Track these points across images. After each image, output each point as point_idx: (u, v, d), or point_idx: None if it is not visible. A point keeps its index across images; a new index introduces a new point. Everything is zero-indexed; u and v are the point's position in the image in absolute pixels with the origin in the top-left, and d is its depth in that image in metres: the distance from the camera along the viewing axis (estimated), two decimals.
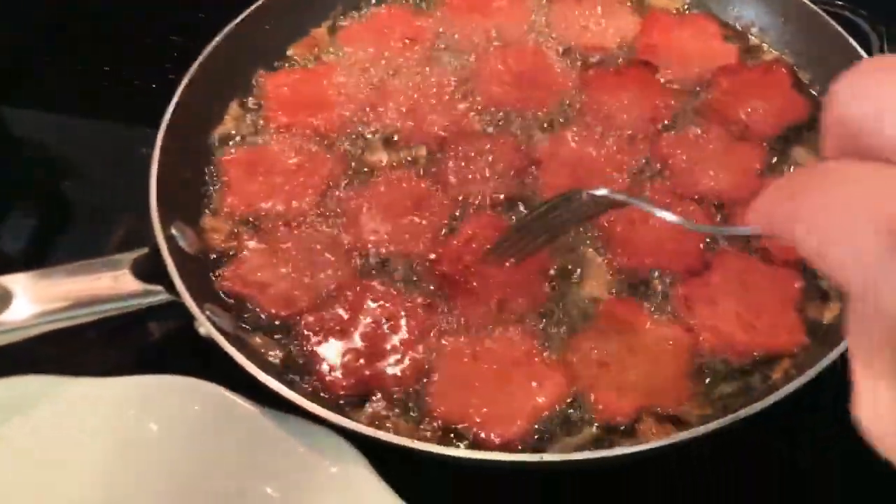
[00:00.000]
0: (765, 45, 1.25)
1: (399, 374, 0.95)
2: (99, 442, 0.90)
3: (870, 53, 1.16)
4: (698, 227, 1.04)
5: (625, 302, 1.00)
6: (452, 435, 0.91)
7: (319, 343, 0.97)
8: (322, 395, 0.94)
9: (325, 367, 0.95)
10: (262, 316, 1.00)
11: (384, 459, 0.88)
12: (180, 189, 1.08)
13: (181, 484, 0.89)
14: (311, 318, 0.99)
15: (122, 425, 0.91)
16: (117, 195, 1.26)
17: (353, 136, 1.16)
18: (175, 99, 1.11)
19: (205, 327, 0.92)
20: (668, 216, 0.70)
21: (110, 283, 0.96)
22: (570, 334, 0.97)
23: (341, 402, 0.94)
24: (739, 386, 0.94)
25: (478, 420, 0.90)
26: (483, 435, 0.90)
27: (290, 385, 0.92)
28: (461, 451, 0.86)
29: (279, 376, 0.91)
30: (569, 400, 0.92)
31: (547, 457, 0.84)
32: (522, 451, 0.89)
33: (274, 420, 0.90)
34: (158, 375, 0.93)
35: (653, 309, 0.99)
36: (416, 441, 0.85)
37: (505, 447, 0.89)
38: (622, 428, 0.91)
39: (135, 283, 0.97)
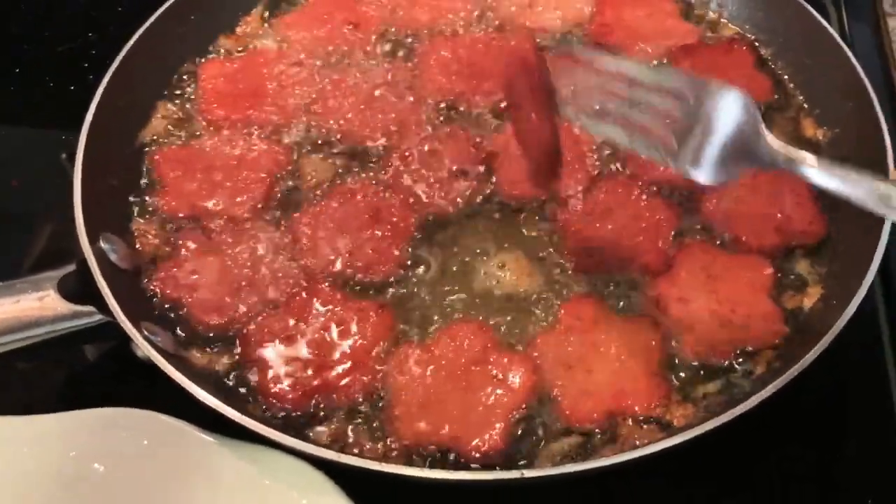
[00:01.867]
0: (723, 20, 1.20)
1: (351, 383, 0.88)
2: (34, 488, 0.81)
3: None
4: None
5: (587, 300, 0.94)
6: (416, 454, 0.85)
7: (263, 354, 0.90)
8: (272, 411, 0.87)
9: (269, 381, 0.88)
10: (199, 328, 0.93)
11: (352, 478, 0.81)
12: (107, 197, 0.99)
13: None
14: (252, 328, 0.92)
15: (62, 468, 0.81)
16: (36, 204, 1.17)
17: (296, 130, 1.08)
18: (96, 100, 1.02)
19: (142, 350, 0.84)
20: None
21: (35, 306, 0.87)
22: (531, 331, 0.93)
23: (293, 416, 0.87)
24: (722, 384, 0.89)
25: (452, 436, 0.84)
26: (460, 450, 0.83)
27: (242, 406, 0.85)
28: (436, 473, 0.79)
29: (227, 397, 0.83)
30: (538, 398, 0.87)
31: (528, 473, 0.78)
32: (503, 461, 0.83)
33: (234, 450, 0.82)
34: (97, 409, 0.84)
35: (621, 307, 0.94)
36: (385, 464, 0.79)
37: (486, 459, 0.83)
38: (599, 435, 0.86)
39: (62, 303, 0.87)
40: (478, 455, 0.83)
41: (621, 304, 0.94)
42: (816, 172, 0.72)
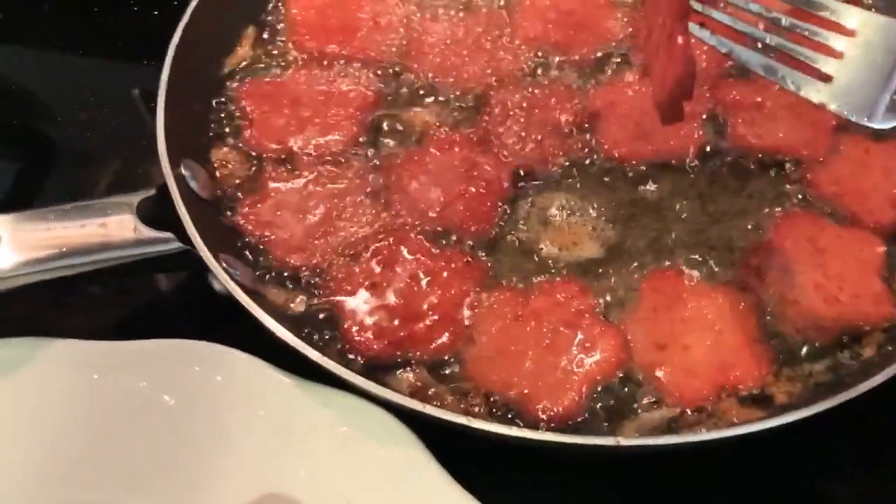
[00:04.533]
0: None
1: (438, 337, 0.84)
2: (99, 415, 0.78)
3: None
4: None
5: (664, 273, 0.89)
6: (497, 410, 0.80)
7: (347, 299, 0.86)
8: (349, 357, 0.83)
9: (353, 327, 0.84)
10: (279, 266, 0.89)
11: (429, 429, 0.77)
12: (189, 124, 0.96)
13: (199, 461, 0.77)
14: (336, 271, 0.88)
15: (130, 397, 0.78)
16: (108, 138, 1.12)
17: (390, 72, 1.04)
18: (183, 21, 0.98)
19: (220, 281, 0.81)
20: None
21: (113, 229, 0.83)
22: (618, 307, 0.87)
23: (370, 365, 0.83)
24: (828, 364, 0.83)
25: (523, 391, 0.80)
26: (526, 408, 0.79)
27: (320, 348, 0.80)
28: (525, 432, 0.74)
29: (304, 337, 0.80)
30: (622, 373, 0.82)
31: (624, 441, 0.74)
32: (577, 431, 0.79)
33: (311, 393, 0.77)
34: (170, 340, 0.80)
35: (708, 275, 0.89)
36: (474, 419, 0.74)
37: (550, 423, 0.79)
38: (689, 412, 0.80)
39: (141, 228, 0.84)
40: (543, 417, 0.79)
41: (710, 271, 0.89)
42: None
